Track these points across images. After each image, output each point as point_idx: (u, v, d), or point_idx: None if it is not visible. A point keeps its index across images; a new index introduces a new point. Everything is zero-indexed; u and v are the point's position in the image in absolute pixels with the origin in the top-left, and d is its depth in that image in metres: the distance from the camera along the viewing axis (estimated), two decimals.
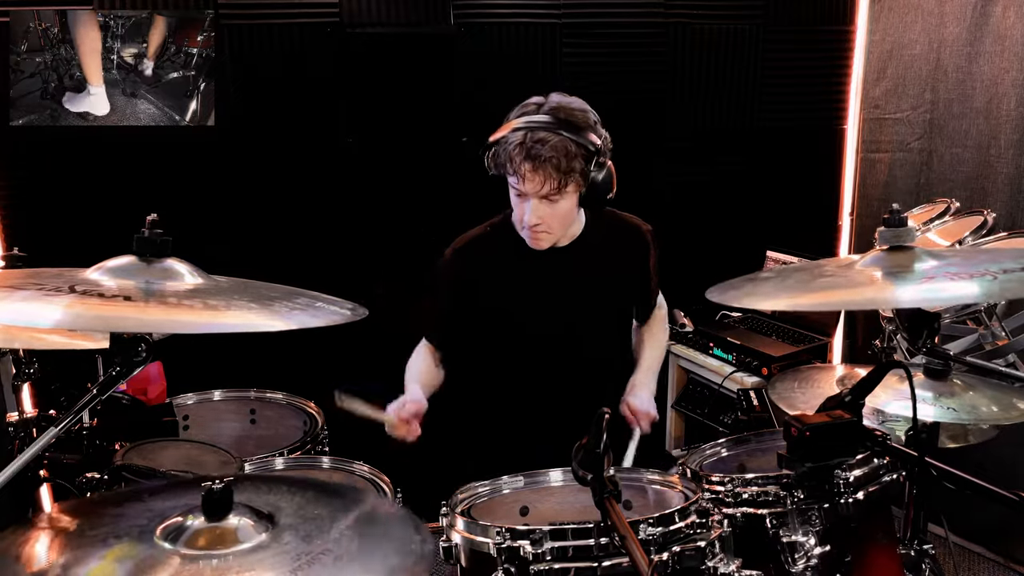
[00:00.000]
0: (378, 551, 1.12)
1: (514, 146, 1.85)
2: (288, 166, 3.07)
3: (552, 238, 1.99)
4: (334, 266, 3.12)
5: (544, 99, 1.91)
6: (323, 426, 2.21)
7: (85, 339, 1.86)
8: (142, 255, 1.34)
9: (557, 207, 1.91)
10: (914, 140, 3.31)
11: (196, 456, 1.81)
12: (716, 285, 1.67)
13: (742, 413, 2.89)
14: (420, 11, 3.04)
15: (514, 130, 1.86)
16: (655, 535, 1.45)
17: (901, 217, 1.56)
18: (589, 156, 1.87)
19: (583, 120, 1.88)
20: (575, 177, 1.87)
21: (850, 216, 3.61)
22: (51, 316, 1.18)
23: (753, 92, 3.39)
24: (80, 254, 1.53)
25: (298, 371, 2.66)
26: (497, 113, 1.96)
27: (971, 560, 3.03)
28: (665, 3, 3.24)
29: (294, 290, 1.46)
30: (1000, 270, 1.44)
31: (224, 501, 1.13)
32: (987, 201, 2.95)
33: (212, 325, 1.25)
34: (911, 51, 3.27)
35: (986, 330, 2.48)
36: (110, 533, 1.12)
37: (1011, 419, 1.95)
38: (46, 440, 1.23)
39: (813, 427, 1.42)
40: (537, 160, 1.83)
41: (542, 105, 1.89)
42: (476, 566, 1.50)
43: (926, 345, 1.67)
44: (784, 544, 1.63)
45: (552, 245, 2.03)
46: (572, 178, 1.87)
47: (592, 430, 1.33)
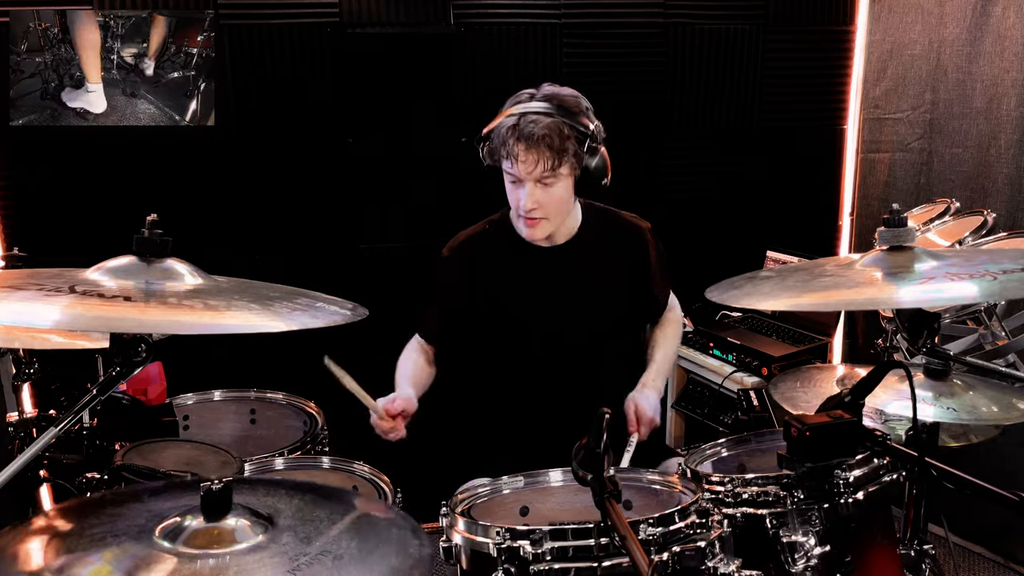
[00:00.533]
0: (377, 553, 1.12)
1: (507, 129, 1.88)
2: (288, 166, 3.07)
3: (549, 226, 1.99)
4: (334, 266, 3.12)
5: (536, 90, 1.95)
6: (323, 426, 2.21)
7: (85, 339, 1.86)
8: (142, 255, 1.34)
9: (552, 191, 1.91)
10: (914, 140, 3.31)
11: (196, 456, 1.81)
12: (716, 285, 1.68)
13: (742, 413, 2.88)
14: (420, 11, 3.04)
15: (507, 116, 1.89)
16: (655, 535, 1.45)
17: (901, 217, 1.56)
18: (582, 138, 1.88)
19: (575, 105, 1.91)
20: (568, 158, 1.88)
21: (850, 216, 3.61)
22: (51, 316, 1.18)
23: (753, 92, 3.39)
24: (80, 254, 1.54)
25: (298, 371, 2.65)
26: (497, 113, 1.97)
27: (971, 560, 3.03)
28: (665, 3, 3.24)
29: (294, 290, 1.46)
30: (1000, 270, 1.44)
31: (223, 502, 1.13)
32: (987, 201, 2.95)
33: (212, 325, 1.25)
34: (911, 51, 3.27)
35: (986, 330, 2.47)
36: (108, 532, 1.12)
37: (1011, 419, 1.95)
38: (46, 440, 1.23)
39: (813, 427, 1.42)
40: (530, 140, 1.85)
41: (534, 94, 1.93)
42: (476, 566, 1.50)
43: (926, 345, 1.67)
44: (784, 544, 1.63)
45: (550, 243, 2.03)
46: (566, 158, 1.88)
47: (592, 430, 1.32)
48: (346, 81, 3.03)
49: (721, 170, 3.45)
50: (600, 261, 2.08)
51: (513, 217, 2.00)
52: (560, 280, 2.06)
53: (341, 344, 2.81)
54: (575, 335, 2.08)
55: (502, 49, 3.12)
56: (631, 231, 2.14)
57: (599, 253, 2.08)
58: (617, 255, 2.11)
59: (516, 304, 2.06)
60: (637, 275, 2.16)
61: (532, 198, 1.91)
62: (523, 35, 3.13)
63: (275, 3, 2.95)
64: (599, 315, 2.11)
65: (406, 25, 3.04)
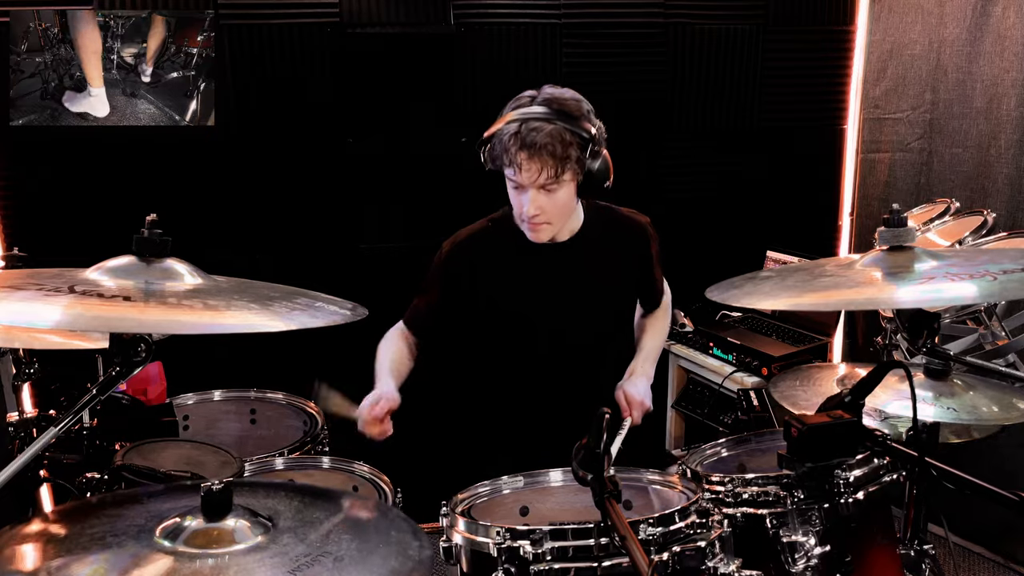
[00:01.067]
0: (377, 555, 1.12)
1: (509, 136, 1.86)
2: (288, 166, 3.07)
3: (552, 229, 1.99)
4: (334, 266, 3.12)
5: (537, 92, 1.93)
6: (323, 426, 2.21)
7: (85, 339, 1.86)
8: (142, 255, 1.34)
9: (555, 196, 1.91)
10: (914, 140, 3.31)
11: (196, 456, 1.81)
12: (716, 285, 1.68)
13: (742, 413, 2.88)
14: (420, 11, 3.04)
15: (509, 122, 1.87)
16: (655, 535, 1.45)
17: (901, 217, 1.56)
18: (584, 144, 1.87)
19: (576, 109, 1.89)
20: (571, 165, 1.87)
21: (850, 216, 3.61)
22: (51, 316, 1.18)
23: (753, 92, 3.39)
24: (80, 254, 1.53)
25: (298, 371, 2.66)
26: (497, 113, 1.97)
27: (971, 560, 3.03)
28: (665, 3, 3.24)
29: (294, 290, 1.46)
30: (1000, 270, 1.44)
31: (223, 502, 1.13)
32: (987, 201, 2.95)
33: (212, 325, 1.25)
34: (911, 51, 3.27)
35: (986, 330, 2.47)
36: (108, 532, 1.13)
37: (1011, 419, 1.94)
38: (46, 440, 1.23)
39: (813, 427, 1.42)
40: (532, 148, 1.84)
41: (535, 97, 1.91)
42: (476, 566, 1.50)
43: (926, 345, 1.67)
44: (784, 544, 1.63)
45: (552, 240, 2.03)
46: (568, 165, 1.87)
47: (592, 430, 1.32)
48: (346, 81, 3.03)
49: (721, 170, 3.45)
50: (603, 258, 2.08)
51: (516, 219, 2.00)
52: (563, 278, 2.06)
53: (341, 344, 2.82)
54: (578, 334, 2.08)
55: (502, 49, 3.12)
56: (632, 227, 2.14)
57: (602, 250, 2.08)
58: (620, 251, 2.11)
59: (519, 303, 2.06)
60: (640, 269, 2.16)
61: (535, 204, 1.91)
62: (523, 35, 3.13)
63: (275, 3, 2.95)
64: (602, 313, 2.11)
65: (406, 25, 3.04)
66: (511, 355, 2.11)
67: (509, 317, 2.08)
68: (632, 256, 2.13)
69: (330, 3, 2.98)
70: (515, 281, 2.06)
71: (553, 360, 2.08)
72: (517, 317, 2.07)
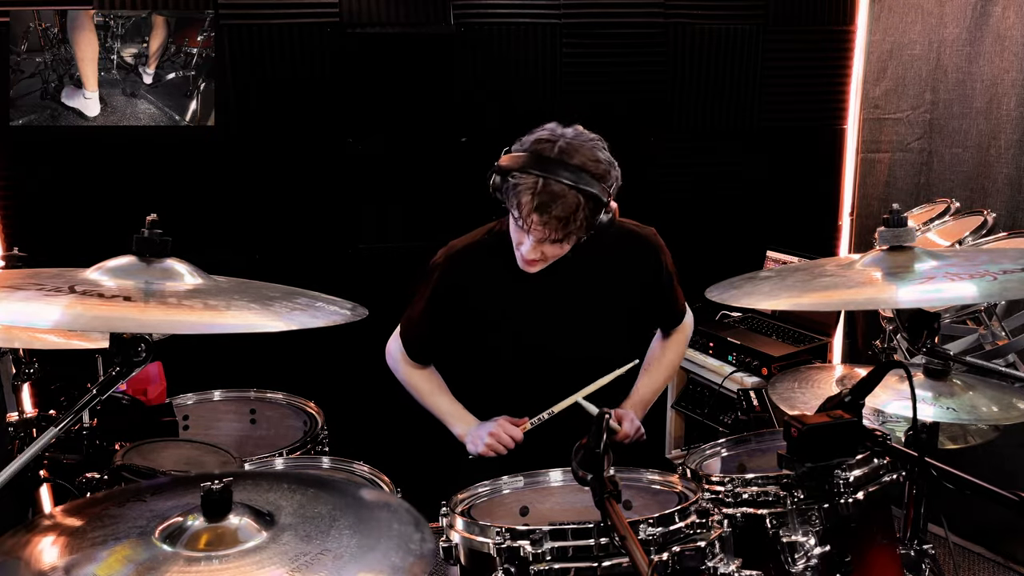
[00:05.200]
0: (378, 550, 1.12)
1: (524, 192, 1.78)
2: (288, 166, 3.07)
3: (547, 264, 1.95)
4: (333, 266, 3.12)
5: (559, 132, 1.83)
6: (323, 426, 2.21)
7: (85, 339, 1.86)
8: (142, 255, 1.34)
9: (559, 247, 1.88)
10: (914, 140, 3.31)
11: (196, 456, 1.82)
12: (716, 285, 1.67)
13: (742, 413, 2.88)
14: (420, 11, 3.04)
15: (527, 175, 1.78)
16: (655, 535, 1.45)
17: (901, 217, 1.56)
18: (599, 207, 1.81)
19: (597, 170, 1.80)
20: (581, 231, 1.84)
21: (850, 216, 3.61)
22: (51, 316, 1.18)
23: (753, 92, 3.39)
24: (80, 254, 1.53)
25: (298, 371, 2.66)
26: (497, 113, 1.95)
27: (971, 560, 3.03)
28: (665, 3, 3.24)
29: (294, 290, 1.46)
30: (1000, 270, 1.44)
31: (224, 501, 1.13)
32: (987, 201, 2.95)
33: (212, 325, 1.25)
34: (911, 51, 3.27)
35: (986, 330, 2.47)
36: (110, 535, 1.12)
37: (1011, 419, 1.95)
38: (46, 440, 1.23)
39: (813, 427, 1.42)
40: (548, 215, 1.78)
41: (556, 142, 1.80)
42: (476, 566, 1.51)
43: (926, 345, 1.67)
44: (784, 544, 1.63)
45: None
46: (579, 231, 1.83)
47: (592, 430, 1.33)
48: (346, 81, 3.03)
49: (721, 170, 3.45)
50: (607, 272, 2.03)
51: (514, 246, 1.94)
52: (564, 293, 2.01)
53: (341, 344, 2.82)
54: (576, 353, 2.03)
55: (502, 49, 3.12)
56: (638, 239, 2.08)
57: (606, 264, 2.02)
58: (625, 265, 2.05)
59: (515, 317, 2.02)
60: (649, 284, 2.10)
61: (536, 251, 1.87)
62: (523, 35, 3.13)
63: (275, 3, 2.95)
64: (604, 333, 2.06)
65: (406, 25, 3.04)
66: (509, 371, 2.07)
67: (505, 335, 2.03)
68: (639, 268, 2.07)
69: (330, 3, 2.98)
70: (512, 296, 2.01)
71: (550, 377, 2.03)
72: (513, 332, 2.03)
